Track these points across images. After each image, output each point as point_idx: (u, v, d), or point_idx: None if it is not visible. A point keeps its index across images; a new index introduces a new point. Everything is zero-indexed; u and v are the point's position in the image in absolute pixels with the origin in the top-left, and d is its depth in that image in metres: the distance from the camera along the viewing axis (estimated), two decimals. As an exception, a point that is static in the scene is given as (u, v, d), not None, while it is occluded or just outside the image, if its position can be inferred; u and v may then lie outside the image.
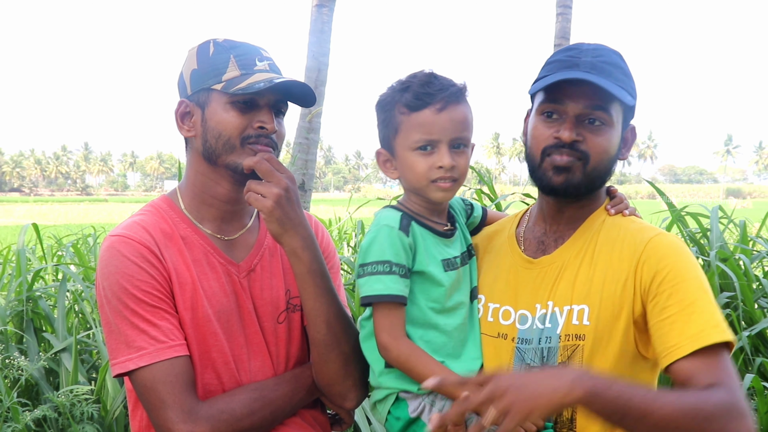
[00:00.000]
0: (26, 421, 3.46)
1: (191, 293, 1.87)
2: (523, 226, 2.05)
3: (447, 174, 1.86)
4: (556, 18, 13.02)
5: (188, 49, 1.96)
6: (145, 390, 1.77)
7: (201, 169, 1.94)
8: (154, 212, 1.95)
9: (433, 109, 1.84)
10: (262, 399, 1.87)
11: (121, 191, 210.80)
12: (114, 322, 1.80)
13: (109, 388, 3.91)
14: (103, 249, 1.86)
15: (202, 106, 1.89)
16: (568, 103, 1.82)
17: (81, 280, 4.64)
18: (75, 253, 5.49)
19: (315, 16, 10.28)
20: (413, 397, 1.88)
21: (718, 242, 5.14)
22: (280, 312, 2.01)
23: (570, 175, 1.83)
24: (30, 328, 4.38)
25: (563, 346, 1.81)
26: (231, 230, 2.00)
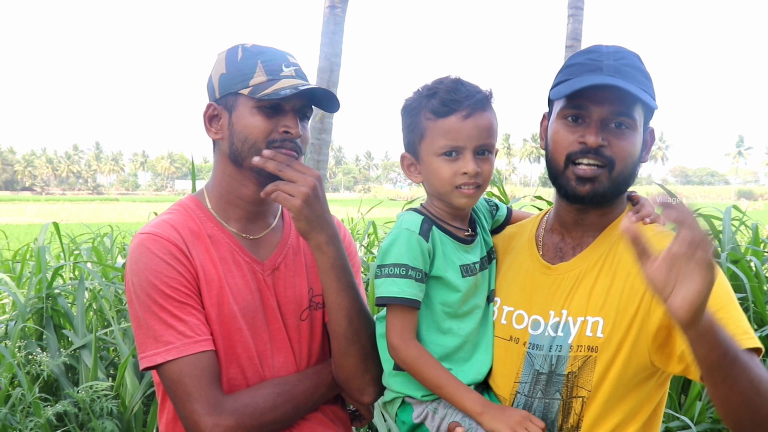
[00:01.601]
0: (48, 416, 3.52)
1: (217, 290, 1.92)
2: (542, 229, 2.05)
3: (471, 180, 1.88)
4: (568, 19, 13.08)
5: (217, 53, 2.01)
6: (172, 383, 1.82)
7: (227, 170, 1.99)
8: (182, 211, 2.01)
9: (459, 116, 1.86)
10: (285, 394, 1.93)
11: (132, 190, 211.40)
12: (143, 317, 1.85)
13: (128, 384, 3.98)
14: (133, 246, 1.91)
15: (230, 109, 1.94)
16: (592, 108, 1.80)
17: (100, 277, 4.70)
18: (93, 251, 5.57)
19: (327, 17, 10.35)
20: (417, 403, 1.93)
21: (729, 244, 5.16)
22: (303, 309, 2.06)
23: (596, 184, 1.81)
24: (50, 324, 4.45)
25: (573, 356, 1.82)
26: (256, 229, 2.05)
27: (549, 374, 1.84)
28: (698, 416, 3.92)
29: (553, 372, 1.84)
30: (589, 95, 1.79)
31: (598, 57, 1.83)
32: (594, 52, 1.86)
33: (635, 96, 1.76)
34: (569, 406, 1.82)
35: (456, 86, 1.90)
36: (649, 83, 1.85)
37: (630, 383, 1.79)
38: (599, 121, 1.80)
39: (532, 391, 1.86)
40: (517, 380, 1.90)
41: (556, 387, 1.83)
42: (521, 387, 1.88)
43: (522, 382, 1.89)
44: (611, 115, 1.80)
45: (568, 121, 1.84)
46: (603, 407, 1.79)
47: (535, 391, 1.86)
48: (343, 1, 10.38)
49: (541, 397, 1.85)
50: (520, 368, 1.90)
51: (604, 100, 1.78)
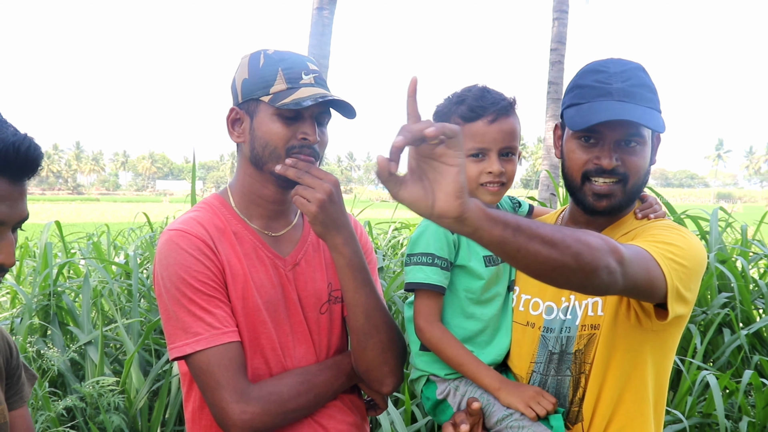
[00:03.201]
0: (58, 410, 3.59)
1: (242, 284, 2.02)
2: (558, 224, 2.19)
3: (495, 179, 2.05)
4: (553, 22, 13.21)
5: (241, 57, 2.09)
6: (201, 372, 1.91)
7: (249, 172, 2.09)
8: (208, 209, 2.10)
9: (485, 120, 2.04)
10: (306, 383, 2.02)
11: (113, 191, 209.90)
12: (172, 310, 1.94)
13: (134, 379, 4.05)
14: (162, 242, 2.01)
15: (251, 114, 2.02)
16: (605, 132, 1.93)
17: (107, 274, 4.77)
18: (94, 249, 5.63)
19: (316, 18, 10.40)
20: (441, 381, 2.09)
21: (717, 245, 5.29)
22: (323, 303, 2.16)
23: (612, 199, 1.96)
24: (55, 321, 4.52)
25: (579, 335, 1.98)
26: (278, 227, 2.15)
27: (560, 354, 2.01)
28: (689, 411, 4.04)
29: (564, 351, 2.00)
30: (604, 123, 1.90)
31: (606, 79, 1.95)
32: (602, 73, 1.97)
33: (646, 126, 1.90)
34: (578, 382, 1.99)
35: (483, 94, 2.07)
36: (655, 96, 1.97)
37: (617, 350, 1.95)
38: (613, 143, 1.94)
39: (546, 370, 2.03)
40: (532, 360, 2.06)
41: (567, 365, 2.00)
42: (537, 366, 2.05)
43: (537, 362, 2.05)
44: (623, 137, 1.93)
45: (582, 141, 1.98)
46: (600, 378, 1.97)
47: (549, 370, 2.03)
48: (331, 3, 10.44)
49: (554, 375, 2.02)
50: (536, 350, 2.05)
51: (616, 125, 1.91)
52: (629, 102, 1.91)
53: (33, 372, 2.05)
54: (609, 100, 1.91)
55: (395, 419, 3.67)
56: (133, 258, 4.98)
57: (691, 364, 4.23)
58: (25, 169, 1.58)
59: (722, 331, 4.79)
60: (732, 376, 4.38)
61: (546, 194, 11.21)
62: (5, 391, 1.88)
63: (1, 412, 1.81)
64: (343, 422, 2.14)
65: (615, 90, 1.92)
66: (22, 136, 1.56)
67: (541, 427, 1.92)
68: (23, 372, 1.98)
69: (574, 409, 2.00)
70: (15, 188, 1.58)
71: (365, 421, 2.28)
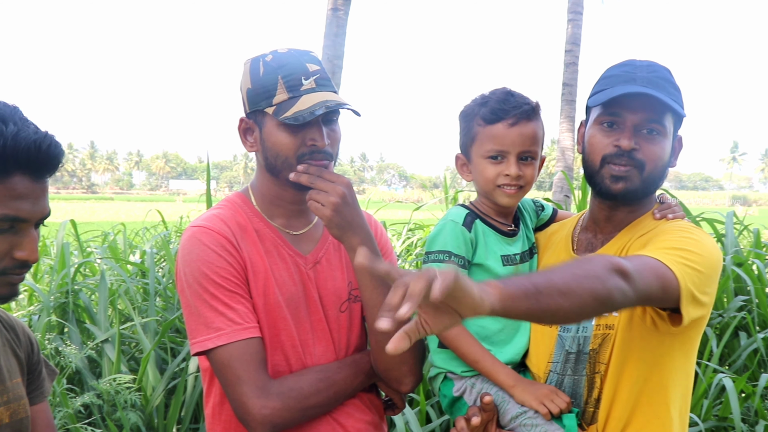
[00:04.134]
0: (75, 406, 3.62)
1: (264, 281, 2.03)
2: (578, 227, 2.22)
3: (513, 182, 2.08)
4: (567, 24, 13.17)
5: (243, 62, 2.09)
6: (222, 367, 1.93)
7: (267, 177, 2.10)
8: (230, 207, 2.12)
9: (506, 123, 2.06)
10: (326, 380, 2.03)
11: (127, 190, 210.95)
12: (194, 305, 1.96)
13: (150, 377, 4.08)
14: (185, 239, 2.03)
15: (259, 125, 2.04)
16: (626, 115, 1.96)
17: (124, 273, 4.80)
18: (109, 249, 5.67)
19: (330, 19, 10.39)
20: (458, 378, 2.11)
21: (733, 247, 5.27)
22: (343, 302, 2.17)
23: (628, 182, 1.97)
24: (72, 319, 4.55)
25: (595, 335, 2.00)
26: (298, 225, 2.16)
27: (577, 353, 2.02)
28: (705, 414, 4.02)
29: (580, 351, 2.02)
30: (624, 103, 1.96)
31: (632, 69, 2.00)
32: (628, 65, 2.03)
33: (666, 104, 1.93)
34: (592, 382, 2.00)
35: (506, 97, 2.10)
36: (679, 94, 2.01)
37: (634, 351, 1.95)
38: (633, 126, 1.96)
39: (563, 370, 2.05)
40: (550, 360, 2.08)
41: (583, 364, 2.01)
42: (554, 366, 2.07)
43: (554, 361, 2.06)
44: (644, 122, 1.96)
45: (604, 126, 2.01)
46: (615, 378, 1.97)
47: (566, 369, 2.04)
48: (345, 4, 10.43)
49: (570, 375, 2.03)
50: (553, 349, 2.07)
51: (637, 107, 1.95)
52: (652, 88, 1.94)
53: (53, 368, 2.08)
54: (632, 84, 1.96)
55: (410, 419, 3.68)
56: (149, 257, 5.01)
57: (707, 367, 4.21)
58: (47, 166, 1.61)
59: (738, 334, 4.77)
60: (748, 380, 4.36)
61: (560, 196, 11.16)
62: (26, 386, 1.90)
63: (23, 406, 1.83)
64: (361, 420, 2.15)
65: (639, 78, 1.97)
66: (43, 134, 1.59)
67: (554, 425, 1.93)
68: (44, 367, 2.00)
69: (589, 409, 2.00)
70: (37, 185, 1.61)
71: (383, 420, 2.29)
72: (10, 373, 1.81)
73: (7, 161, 1.54)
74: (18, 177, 1.57)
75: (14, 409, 1.79)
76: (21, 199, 1.58)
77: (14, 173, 1.56)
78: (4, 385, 1.77)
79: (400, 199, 36.41)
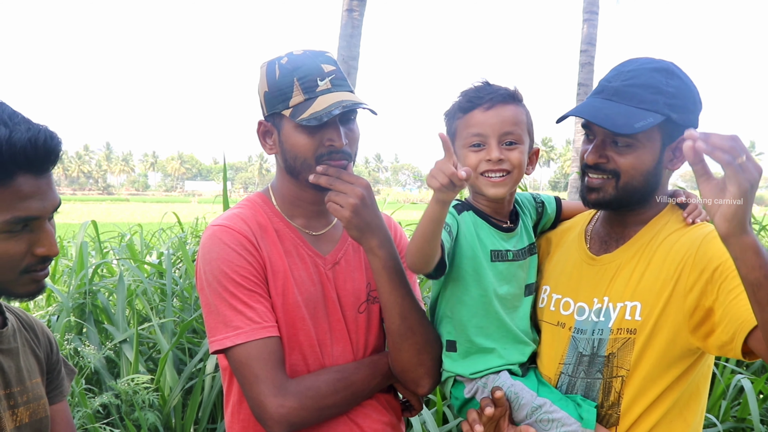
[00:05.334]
0: (94, 406, 3.64)
1: (283, 281, 2.04)
2: (592, 224, 2.20)
3: (495, 167, 2.01)
4: (583, 24, 13.16)
5: (259, 66, 2.11)
6: (240, 365, 1.93)
7: (287, 178, 2.11)
8: (251, 206, 2.13)
9: (481, 108, 2.03)
10: (344, 380, 2.04)
11: (142, 191, 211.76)
12: (213, 304, 1.97)
13: (168, 377, 4.10)
14: (206, 237, 2.04)
15: (277, 128, 2.06)
16: (595, 129, 1.99)
17: (142, 274, 4.83)
18: (128, 248, 5.70)
19: (345, 20, 10.41)
20: (468, 381, 2.08)
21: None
22: (361, 303, 2.17)
23: (601, 193, 1.99)
24: (91, 319, 4.58)
25: (613, 339, 1.95)
26: (318, 226, 2.17)
27: (591, 356, 1.99)
28: (723, 415, 4.00)
29: (595, 354, 1.98)
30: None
31: (612, 77, 2.00)
32: (614, 71, 2.01)
33: (604, 129, 1.92)
34: (609, 385, 1.97)
35: (482, 86, 2.09)
36: (660, 97, 1.93)
37: (666, 361, 1.92)
38: (601, 141, 1.98)
39: (574, 372, 2.02)
40: (561, 362, 2.05)
41: (598, 367, 1.98)
42: (565, 368, 2.04)
43: (566, 363, 2.04)
44: (608, 137, 1.97)
45: (585, 137, 2.06)
46: (641, 384, 1.93)
47: (578, 372, 2.01)
48: (360, 4, 10.43)
49: (583, 377, 2.00)
50: (565, 351, 2.05)
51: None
52: (615, 101, 1.94)
53: (72, 367, 2.09)
54: (596, 98, 1.98)
55: (427, 420, 3.68)
56: (166, 257, 5.04)
57: (725, 368, 4.19)
58: (47, 161, 1.60)
59: (757, 334, 4.73)
60: (767, 381, 4.33)
61: (575, 197, 11.12)
62: (46, 386, 1.91)
63: (42, 406, 1.84)
64: (378, 421, 2.15)
65: (608, 88, 1.98)
66: (37, 129, 1.57)
67: (571, 419, 1.92)
68: (63, 367, 2.02)
69: (608, 412, 1.97)
70: (42, 180, 1.61)
71: (401, 421, 2.29)
72: (29, 373, 1.83)
73: (6, 164, 1.53)
74: (21, 177, 1.56)
75: (34, 409, 1.81)
76: (29, 199, 1.58)
77: (17, 175, 1.55)
78: (23, 385, 1.78)
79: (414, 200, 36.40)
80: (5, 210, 1.56)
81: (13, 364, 1.77)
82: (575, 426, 1.92)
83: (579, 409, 1.95)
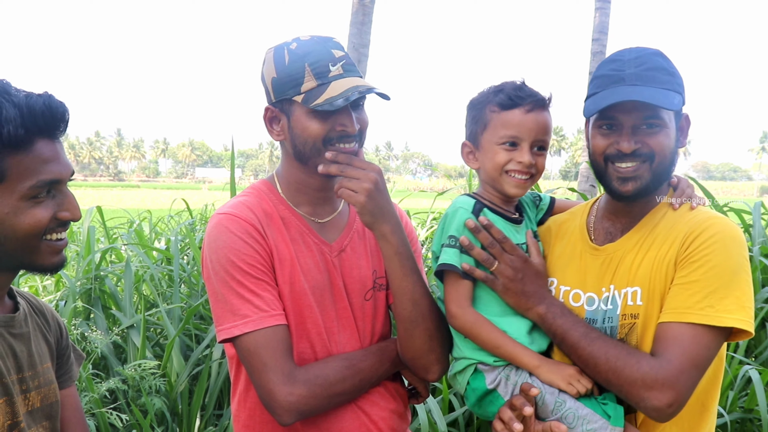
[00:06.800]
0: (101, 392, 3.65)
1: (289, 269, 2.03)
2: (593, 216, 2.18)
3: (525, 170, 2.06)
4: (595, 12, 13.02)
5: (265, 52, 2.08)
6: (248, 354, 1.92)
7: (294, 165, 2.09)
8: (256, 194, 2.12)
9: (522, 109, 2.05)
10: (352, 368, 2.03)
11: (153, 177, 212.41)
12: (221, 292, 1.96)
13: (175, 363, 4.10)
14: (211, 226, 2.02)
15: (287, 114, 2.03)
16: (622, 118, 1.95)
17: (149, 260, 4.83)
18: (136, 234, 5.71)
19: (356, 7, 10.36)
20: (490, 370, 2.05)
21: (760, 238, 5.21)
22: (368, 290, 2.17)
23: (638, 181, 1.96)
24: (98, 305, 4.59)
25: (621, 325, 1.96)
26: (324, 213, 2.16)
27: None
28: (730, 405, 3.99)
29: None
30: (617, 108, 1.94)
31: (620, 66, 1.98)
32: (616, 61, 2.00)
33: (656, 106, 1.90)
34: None
35: (521, 86, 2.10)
36: (673, 78, 1.97)
37: None
38: (630, 128, 1.95)
39: None
40: None
41: None
42: None
43: None
44: (640, 121, 1.95)
45: (603, 129, 2.01)
46: None
47: None
48: (372, -8, 10.39)
49: None
50: None
51: (630, 109, 1.93)
52: (641, 85, 1.92)
53: (80, 352, 2.09)
54: (621, 86, 1.94)
55: (432, 408, 3.68)
56: (174, 244, 5.04)
57: (733, 358, 4.17)
58: (61, 124, 1.66)
59: (765, 326, 4.71)
60: (775, 372, 4.31)
61: (586, 186, 11.08)
62: (55, 371, 1.92)
63: (53, 390, 1.85)
64: (385, 409, 2.15)
65: (628, 75, 1.95)
66: (47, 95, 1.64)
67: (597, 416, 1.90)
68: (72, 352, 2.02)
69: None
70: (57, 145, 1.67)
71: (407, 408, 2.28)
72: (40, 358, 1.83)
73: (28, 128, 1.58)
74: (40, 142, 1.62)
75: (45, 393, 1.81)
76: (50, 162, 1.63)
77: (36, 139, 1.61)
78: (35, 370, 1.79)
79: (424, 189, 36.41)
80: (30, 175, 1.60)
81: (25, 349, 1.78)
82: (601, 422, 1.89)
83: (604, 406, 1.93)
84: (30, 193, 1.61)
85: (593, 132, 2.03)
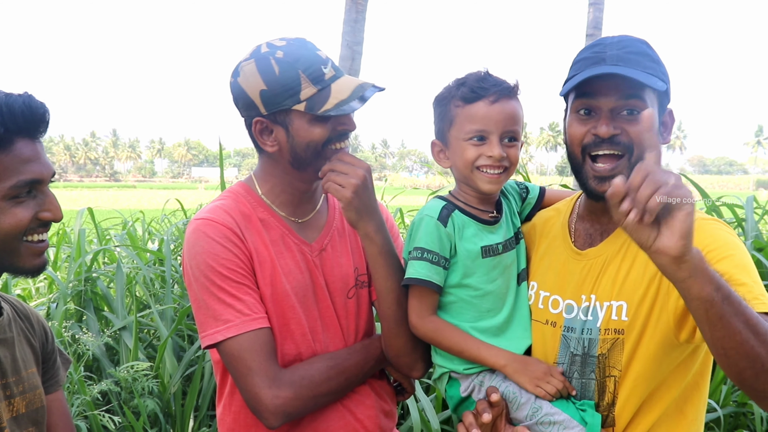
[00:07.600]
0: (93, 394, 3.64)
1: (270, 270, 2.02)
2: (575, 215, 2.11)
3: (496, 164, 1.97)
4: (589, 8, 13.01)
5: (241, 64, 1.99)
6: (232, 359, 1.92)
7: (287, 170, 2.06)
8: (233, 197, 2.10)
9: (486, 101, 1.96)
10: (337, 367, 2.03)
11: (149, 177, 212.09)
12: (202, 298, 1.95)
13: (167, 364, 4.10)
14: (189, 232, 2.02)
15: (285, 125, 1.98)
16: (600, 99, 1.85)
17: (141, 262, 4.83)
18: (128, 236, 5.70)
19: (349, 5, 10.34)
20: (463, 378, 2.04)
21: (753, 232, 5.21)
22: (350, 288, 2.16)
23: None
24: (90, 307, 4.59)
25: (603, 339, 1.89)
26: (303, 213, 2.14)
27: (583, 356, 1.92)
28: (724, 400, 3.99)
29: (586, 354, 1.92)
30: (596, 87, 1.85)
31: (602, 49, 1.89)
32: (598, 45, 1.92)
33: (639, 81, 1.79)
34: (603, 386, 1.90)
35: (484, 77, 2.01)
36: (658, 66, 1.88)
37: (658, 360, 1.84)
38: (609, 111, 1.85)
39: (569, 372, 1.95)
40: (555, 361, 1.98)
41: (591, 368, 1.91)
42: (559, 368, 1.96)
43: (559, 363, 1.97)
44: (620, 103, 1.84)
45: (581, 114, 1.91)
46: (635, 384, 1.86)
47: (572, 372, 1.95)
48: (365, -11, 10.37)
49: (578, 378, 1.94)
50: (557, 350, 1.98)
51: (609, 89, 1.84)
52: (623, 65, 1.83)
53: (67, 356, 2.09)
54: (602, 65, 1.85)
55: (425, 406, 3.68)
56: (166, 244, 5.03)
57: (726, 353, 4.16)
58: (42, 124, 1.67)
59: (758, 319, 4.70)
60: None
61: (581, 181, 11.09)
62: (41, 375, 1.91)
63: (38, 396, 1.84)
64: (371, 407, 2.15)
65: (609, 56, 1.86)
66: (27, 95, 1.65)
67: (574, 422, 1.87)
68: (58, 356, 2.02)
69: (603, 413, 1.91)
70: (37, 145, 1.68)
71: (394, 406, 2.29)
72: (25, 363, 1.83)
73: (8, 128, 1.59)
74: (20, 142, 1.62)
75: (30, 399, 1.81)
76: (31, 162, 1.64)
77: (16, 139, 1.61)
78: (19, 375, 1.79)
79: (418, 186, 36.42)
80: (10, 175, 1.61)
81: (9, 354, 1.78)
82: (578, 429, 1.86)
83: (582, 413, 1.89)
84: (10, 193, 1.61)
85: (570, 120, 1.94)
